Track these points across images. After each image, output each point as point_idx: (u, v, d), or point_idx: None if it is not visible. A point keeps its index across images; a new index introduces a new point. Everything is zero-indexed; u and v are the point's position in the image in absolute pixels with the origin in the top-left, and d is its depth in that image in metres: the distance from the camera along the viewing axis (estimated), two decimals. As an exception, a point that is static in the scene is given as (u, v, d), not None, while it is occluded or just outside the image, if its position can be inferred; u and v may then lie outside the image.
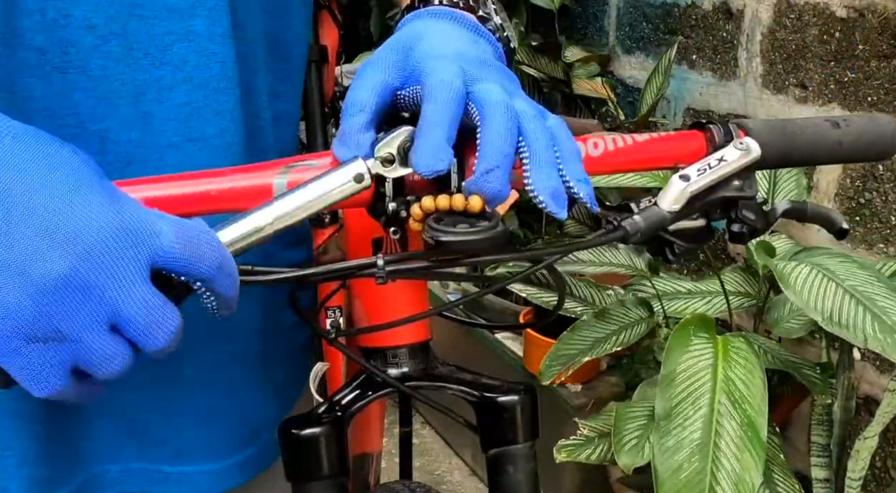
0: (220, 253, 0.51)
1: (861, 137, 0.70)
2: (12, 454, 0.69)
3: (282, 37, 0.78)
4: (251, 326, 0.79)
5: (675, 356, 1.37)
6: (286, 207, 0.55)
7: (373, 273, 0.58)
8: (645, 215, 0.62)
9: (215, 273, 0.50)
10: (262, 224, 0.54)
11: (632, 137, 0.66)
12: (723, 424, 1.29)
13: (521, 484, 0.72)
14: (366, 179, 0.56)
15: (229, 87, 0.69)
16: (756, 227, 0.68)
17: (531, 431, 0.73)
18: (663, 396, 1.33)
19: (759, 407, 1.30)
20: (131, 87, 0.65)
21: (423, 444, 2.65)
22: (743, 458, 1.26)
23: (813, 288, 1.37)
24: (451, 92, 0.56)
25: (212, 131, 0.69)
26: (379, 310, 0.73)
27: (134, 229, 0.48)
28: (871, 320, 1.32)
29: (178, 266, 0.49)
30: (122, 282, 0.47)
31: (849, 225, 0.75)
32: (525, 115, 0.57)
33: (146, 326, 0.48)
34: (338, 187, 0.55)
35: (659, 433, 1.29)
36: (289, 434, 0.69)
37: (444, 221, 0.55)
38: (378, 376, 0.71)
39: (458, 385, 0.73)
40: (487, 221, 0.55)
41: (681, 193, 0.62)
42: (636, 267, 1.74)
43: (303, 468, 0.69)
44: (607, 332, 1.67)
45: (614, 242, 0.62)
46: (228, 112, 0.69)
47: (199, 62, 0.67)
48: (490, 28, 0.69)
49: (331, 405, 0.72)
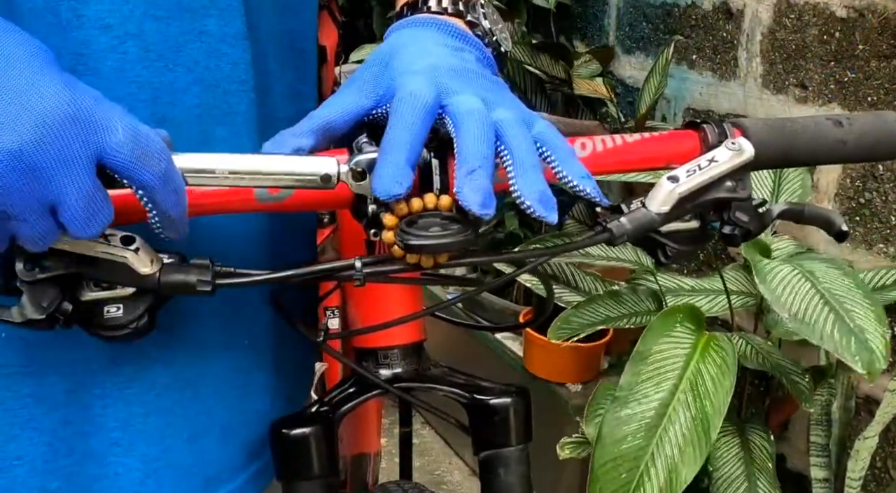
0: (166, 166, 0.51)
1: (866, 136, 0.68)
2: (21, 463, 0.67)
3: (299, 36, 0.77)
4: (262, 327, 0.77)
5: (653, 337, 1.38)
6: (244, 165, 0.55)
7: (350, 276, 0.59)
8: (631, 217, 0.61)
9: (158, 184, 0.51)
10: (216, 168, 0.54)
11: (622, 138, 0.65)
12: (678, 410, 1.30)
13: (513, 486, 0.72)
14: (332, 181, 0.56)
15: (241, 89, 0.68)
16: (749, 229, 0.66)
17: (524, 433, 0.73)
18: (631, 370, 1.34)
19: (719, 407, 1.30)
20: (148, 89, 0.64)
21: (423, 444, 2.65)
22: (685, 450, 1.27)
23: (787, 286, 1.38)
24: (415, 106, 0.56)
25: (222, 134, 0.68)
26: (372, 311, 0.73)
27: (86, 120, 0.49)
28: (832, 321, 1.31)
29: (122, 167, 0.50)
30: (69, 170, 0.48)
31: (849, 226, 0.74)
32: (505, 122, 0.57)
33: (84, 216, 0.49)
34: (301, 173, 0.56)
35: (616, 403, 1.31)
36: (279, 434, 0.69)
37: (416, 224, 0.54)
38: (368, 377, 0.71)
39: (449, 387, 0.73)
40: (459, 224, 0.54)
41: (669, 194, 0.62)
42: (643, 263, 1.74)
43: (292, 468, 0.69)
44: (619, 313, 1.69)
45: (600, 243, 0.62)
46: (241, 114, 0.68)
47: (210, 64, 0.66)
48: (478, 33, 0.69)
49: (321, 405, 0.71)
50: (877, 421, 1.43)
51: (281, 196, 0.60)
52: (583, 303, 1.67)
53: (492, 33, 0.70)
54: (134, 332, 0.58)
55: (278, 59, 0.74)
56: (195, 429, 0.72)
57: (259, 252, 0.74)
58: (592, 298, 1.69)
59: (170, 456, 0.71)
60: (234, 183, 0.55)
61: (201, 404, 0.72)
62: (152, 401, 0.69)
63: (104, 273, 0.56)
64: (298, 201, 0.61)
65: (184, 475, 0.72)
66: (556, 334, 1.62)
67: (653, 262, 1.73)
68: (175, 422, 0.71)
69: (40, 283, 0.55)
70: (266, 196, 0.60)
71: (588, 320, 1.65)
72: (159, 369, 0.69)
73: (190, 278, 0.57)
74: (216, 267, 0.58)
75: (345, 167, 0.56)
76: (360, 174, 0.56)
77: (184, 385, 0.71)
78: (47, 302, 0.55)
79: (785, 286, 1.37)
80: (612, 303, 1.70)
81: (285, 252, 0.77)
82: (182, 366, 0.70)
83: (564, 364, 2.15)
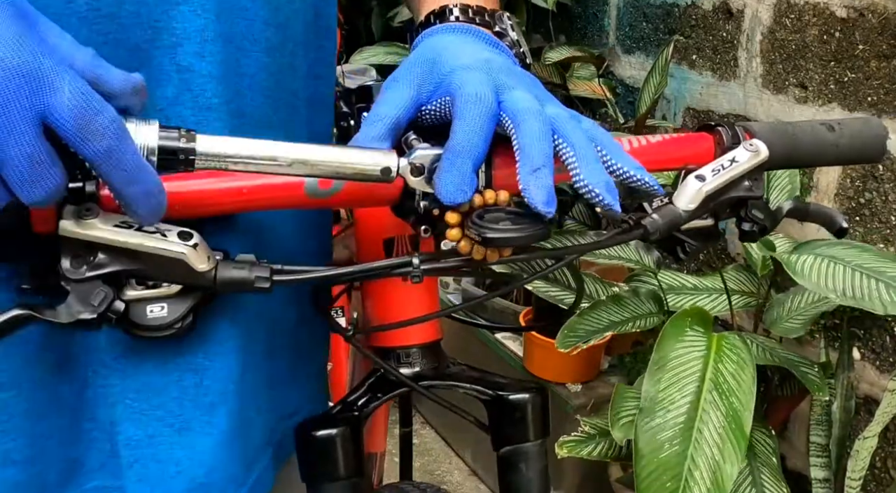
0: (110, 143, 0.48)
1: (854, 140, 0.72)
2: (50, 436, 0.64)
3: (323, 13, 0.77)
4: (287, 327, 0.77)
5: (668, 344, 1.39)
6: (308, 154, 0.54)
7: (408, 272, 0.59)
8: (663, 214, 0.63)
9: (100, 160, 0.48)
10: (278, 156, 0.53)
11: (646, 139, 0.67)
12: (708, 411, 1.31)
13: (532, 482, 0.73)
14: (392, 174, 0.56)
15: (253, 48, 0.66)
16: (765, 225, 0.69)
17: (542, 429, 0.74)
18: (651, 379, 1.35)
19: (746, 401, 1.32)
20: (167, 36, 0.62)
21: (423, 444, 2.65)
22: (724, 448, 1.28)
23: (822, 272, 1.43)
24: (482, 108, 0.56)
25: (247, 98, 0.66)
26: (391, 310, 0.73)
27: (30, 76, 0.46)
28: (885, 289, 1.38)
29: (63, 134, 0.47)
30: (9, 129, 0.46)
31: (848, 224, 0.77)
32: (559, 118, 0.57)
33: (29, 178, 0.47)
34: (362, 166, 0.55)
35: (643, 414, 1.32)
36: (305, 435, 0.69)
37: (485, 219, 0.55)
38: (394, 375, 0.72)
39: (470, 384, 0.74)
40: (528, 218, 0.55)
41: (697, 192, 0.64)
42: (645, 263, 1.75)
43: (319, 469, 0.69)
44: (622, 318, 1.70)
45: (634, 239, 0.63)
46: (248, 77, 0.67)
47: (224, 15, 0.64)
48: (507, 44, 0.69)
49: (346, 406, 0.72)
50: (877, 421, 1.44)
51: (330, 191, 0.60)
52: (586, 309, 1.68)
53: (518, 44, 0.71)
54: (178, 332, 0.57)
55: (303, 37, 0.73)
56: (184, 420, 0.68)
57: (285, 250, 0.73)
58: (595, 303, 1.70)
59: (156, 445, 0.68)
60: (296, 171, 0.54)
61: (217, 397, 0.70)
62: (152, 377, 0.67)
63: (159, 270, 0.55)
64: (346, 197, 0.61)
65: (164, 464, 0.68)
66: (564, 342, 1.63)
67: (654, 261, 1.75)
68: (166, 404, 0.67)
69: (89, 281, 0.53)
70: (316, 191, 0.60)
71: (594, 327, 1.66)
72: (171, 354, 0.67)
73: (248, 274, 0.56)
74: (264, 263, 0.57)
75: (404, 162, 0.56)
76: (419, 170, 0.56)
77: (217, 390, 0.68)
78: (98, 301, 0.53)
79: (818, 273, 1.43)
80: (614, 307, 1.70)
81: (306, 252, 0.78)
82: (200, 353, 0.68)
83: (564, 364, 2.16)
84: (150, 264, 0.55)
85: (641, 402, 1.33)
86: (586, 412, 2.05)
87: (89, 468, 0.68)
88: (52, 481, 0.66)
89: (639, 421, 1.31)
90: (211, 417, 0.67)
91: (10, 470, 0.63)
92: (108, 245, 0.53)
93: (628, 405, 1.59)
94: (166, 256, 0.54)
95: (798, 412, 1.91)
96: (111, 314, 0.54)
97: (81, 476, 0.68)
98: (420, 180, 0.56)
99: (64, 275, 0.53)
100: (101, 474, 0.68)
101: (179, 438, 0.67)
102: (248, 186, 0.57)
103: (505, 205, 0.56)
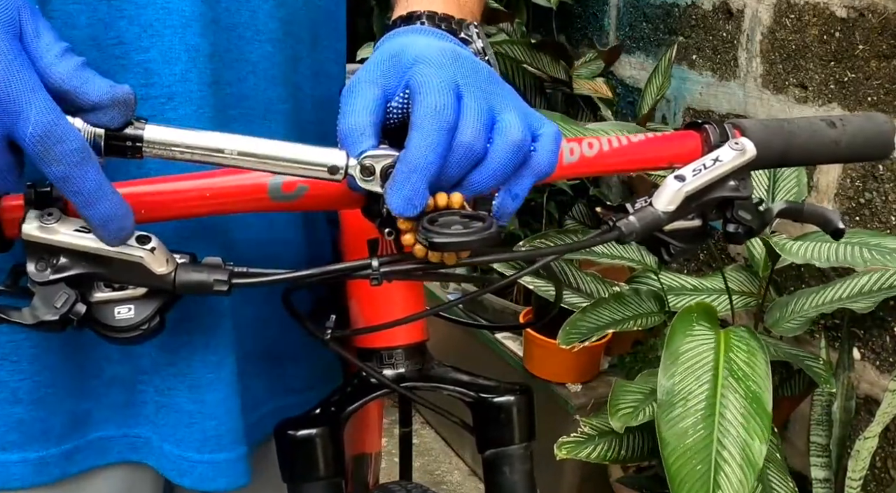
0: (67, 170, 0.49)
1: (858, 136, 0.70)
2: (55, 390, 0.69)
3: (335, 18, 0.79)
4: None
5: (678, 339, 1.39)
6: (254, 147, 0.54)
7: (367, 275, 0.58)
8: (640, 216, 0.62)
9: (59, 183, 0.50)
10: (225, 147, 0.54)
11: (627, 138, 0.66)
12: (727, 396, 1.32)
13: (517, 485, 0.72)
14: (339, 174, 0.55)
15: (257, 38, 0.70)
16: (752, 227, 0.68)
17: (527, 432, 0.73)
18: (666, 374, 1.35)
19: (764, 384, 1.32)
20: (177, 16, 0.65)
21: (423, 444, 2.65)
22: (750, 426, 1.28)
23: (810, 248, 1.52)
24: (441, 122, 0.55)
25: (229, 77, 0.69)
26: (375, 311, 0.73)
27: (0, 98, 0.48)
28: (868, 251, 1.49)
29: (28, 154, 0.49)
30: None
31: (846, 225, 0.75)
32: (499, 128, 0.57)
33: None
34: (309, 162, 0.55)
35: (663, 407, 1.32)
36: (284, 435, 0.69)
37: (437, 222, 0.54)
38: (374, 377, 0.71)
39: (454, 386, 0.73)
40: (481, 222, 0.54)
41: (676, 193, 0.62)
42: (646, 263, 1.75)
43: (298, 469, 0.69)
44: (623, 316, 1.70)
45: (609, 241, 0.62)
46: (251, 63, 0.70)
47: (230, 5, 0.67)
48: (472, 51, 0.68)
49: (326, 406, 0.72)
50: (877, 421, 1.43)
51: (294, 195, 0.60)
52: (588, 307, 1.68)
53: (484, 53, 0.70)
54: (145, 333, 0.58)
55: (308, 31, 0.75)
56: (197, 382, 0.73)
57: (277, 256, 0.75)
58: (597, 301, 1.70)
59: (173, 398, 0.74)
60: (243, 164, 0.54)
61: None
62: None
63: (118, 273, 0.56)
64: (311, 200, 0.61)
65: (184, 420, 0.74)
66: (566, 339, 1.63)
67: (656, 261, 1.74)
68: (178, 363, 0.73)
69: (53, 284, 0.54)
70: (279, 194, 0.60)
71: (595, 324, 1.66)
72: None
73: (207, 277, 0.57)
74: (229, 266, 0.58)
75: (353, 161, 0.55)
76: (368, 170, 0.55)
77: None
78: (60, 303, 0.55)
79: (807, 249, 1.53)
80: (616, 305, 1.70)
81: (301, 255, 0.79)
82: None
83: (564, 364, 2.15)
84: (111, 268, 0.56)
85: (659, 397, 1.33)
86: (586, 412, 2.04)
87: (94, 420, 0.74)
88: (56, 430, 0.71)
89: (659, 415, 1.31)
90: (218, 373, 0.73)
91: (17, 408, 0.69)
92: (68, 249, 0.54)
93: (627, 399, 1.60)
94: (125, 259, 0.55)
95: (798, 412, 1.90)
96: (72, 316, 0.55)
97: (86, 427, 0.73)
98: (372, 182, 0.56)
99: (29, 278, 0.54)
100: (106, 425, 0.74)
101: (190, 393, 0.73)
102: (212, 190, 0.57)
103: (458, 208, 0.56)
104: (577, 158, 0.64)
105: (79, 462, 0.74)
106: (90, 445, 0.74)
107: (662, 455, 1.27)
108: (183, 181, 0.59)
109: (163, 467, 0.75)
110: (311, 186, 0.60)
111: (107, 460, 0.75)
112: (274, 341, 0.80)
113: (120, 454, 0.75)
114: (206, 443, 0.74)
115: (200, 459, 0.74)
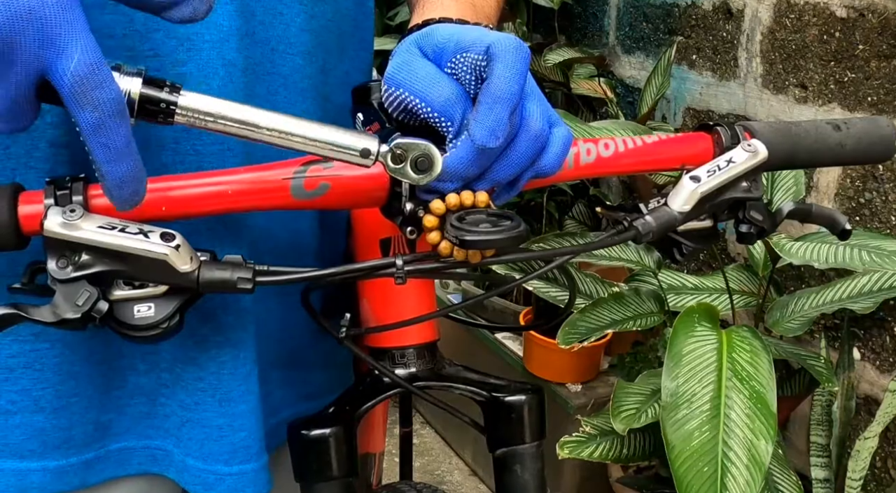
0: (100, 118, 0.48)
1: (862, 140, 0.71)
2: (79, 399, 0.69)
3: (362, 28, 0.79)
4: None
5: (680, 340, 1.39)
6: (289, 126, 0.54)
7: (391, 273, 0.59)
8: (656, 216, 0.63)
9: (89, 130, 0.48)
10: (260, 123, 0.53)
11: (641, 139, 0.67)
12: (731, 397, 1.32)
13: (528, 484, 0.72)
14: (370, 157, 0.55)
15: (288, 52, 0.70)
16: (763, 227, 0.69)
17: (538, 431, 0.73)
18: (669, 375, 1.35)
19: (768, 384, 1.32)
20: (215, 30, 0.64)
21: (423, 444, 2.65)
22: (755, 426, 1.28)
23: (810, 249, 1.53)
24: (522, 53, 0.54)
25: (261, 91, 0.69)
26: (387, 310, 0.73)
27: (43, 28, 0.46)
28: (867, 254, 1.50)
29: (61, 94, 0.48)
30: (4, 71, 0.47)
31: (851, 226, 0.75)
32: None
33: (2, 116, 0.49)
34: (342, 144, 0.55)
35: (667, 410, 1.32)
36: (298, 435, 0.69)
37: (465, 220, 0.55)
38: (389, 376, 0.72)
39: (465, 385, 0.74)
40: (510, 221, 0.55)
41: (691, 193, 0.63)
42: (645, 264, 1.75)
43: (312, 469, 0.69)
44: (623, 316, 1.70)
45: (626, 241, 0.63)
46: (283, 76, 0.71)
47: (265, 19, 0.67)
48: None
49: (339, 406, 0.72)
50: (877, 421, 1.43)
51: (316, 193, 0.60)
52: (588, 307, 1.68)
53: None
54: (164, 332, 0.58)
55: (336, 42, 0.75)
56: (227, 392, 0.73)
57: (295, 255, 0.76)
58: (597, 301, 1.70)
59: (201, 413, 0.73)
60: (274, 141, 0.54)
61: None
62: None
63: (141, 271, 0.55)
64: (333, 198, 0.61)
65: (213, 435, 0.73)
66: (566, 339, 1.63)
67: (655, 262, 1.75)
68: (207, 378, 0.72)
69: (74, 281, 0.54)
70: (301, 192, 0.60)
71: (595, 324, 1.67)
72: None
73: (230, 275, 0.56)
74: (250, 264, 0.58)
75: (385, 147, 0.55)
76: (399, 158, 0.55)
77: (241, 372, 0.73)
78: (83, 301, 0.54)
79: (807, 250, 1.54)
80: (616, 306, 1.71)
81: (320, 255, 0.80)
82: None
83: (564, 364, 2.16)
84: (134, 265, 0.55)
85: (663, 399, 1.33)
86: (586, 412, 2.04)
87: (115, 430, 0.73)
88: (77, 439, 0.71)
89: (664, 417, 1.31)
90: (248, 385, 0.72)
91: (38, 417, 0.69)
92: (91, 246, 0.53)
93: (629, 400, 1.60)
94: (149, 256, 0.55)
95: (798, 412, 1.91)
96: (94, 314, 0.55)
97: (107, 437, 0.73)
98: (400, 168, 0.56)
99: (50, 275, 0.54)
100: (127, 436, 0.74)
101: (220, 407, 0.72)
102: (234, 188, 0.57)
103: (483, 206, 0.56)
104: (594, 158, 0.65)
105: (98, 472, 0.73)
106: (110, 455, 0.74)
107: (669, 458, 1.27)
108: (205, 177, 0.59)
109: (184, 480, 0.75)
110: (333, 183, 0.60)
111: (126, 471, 0.75)
112: (293, 350, 0.80)
113: (140, 465, 0.75)
114: (235, 455, 0.73)
115: (230, 471, 0.73)
